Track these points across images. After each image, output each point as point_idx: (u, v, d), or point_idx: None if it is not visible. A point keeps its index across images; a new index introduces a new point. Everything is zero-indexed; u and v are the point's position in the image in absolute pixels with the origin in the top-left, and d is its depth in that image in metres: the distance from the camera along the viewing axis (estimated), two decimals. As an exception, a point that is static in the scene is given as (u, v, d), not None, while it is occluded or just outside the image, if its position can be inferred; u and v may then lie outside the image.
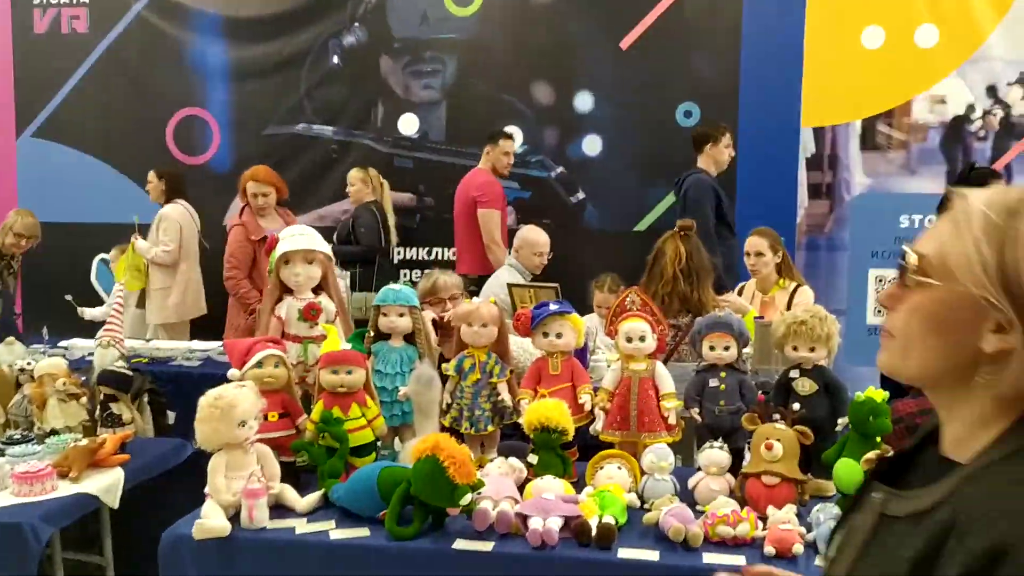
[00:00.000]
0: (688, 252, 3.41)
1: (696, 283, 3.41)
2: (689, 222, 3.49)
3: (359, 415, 2.56)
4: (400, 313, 2.75)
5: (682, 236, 3.42)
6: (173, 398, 3.94)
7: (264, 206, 5.35)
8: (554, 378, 2.68)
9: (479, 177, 5.85)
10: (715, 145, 5.37)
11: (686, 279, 3.39)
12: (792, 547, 2.06)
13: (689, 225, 3.47)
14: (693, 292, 3.39)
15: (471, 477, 2.16)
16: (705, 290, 3.44)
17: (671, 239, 3.41)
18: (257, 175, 5.34)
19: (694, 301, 3.41)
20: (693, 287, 3.40)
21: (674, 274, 3.37)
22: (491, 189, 5.78)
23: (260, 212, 5.35)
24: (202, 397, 2.32)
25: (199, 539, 2.20)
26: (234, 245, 5.28)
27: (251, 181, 5.32)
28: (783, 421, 2.40)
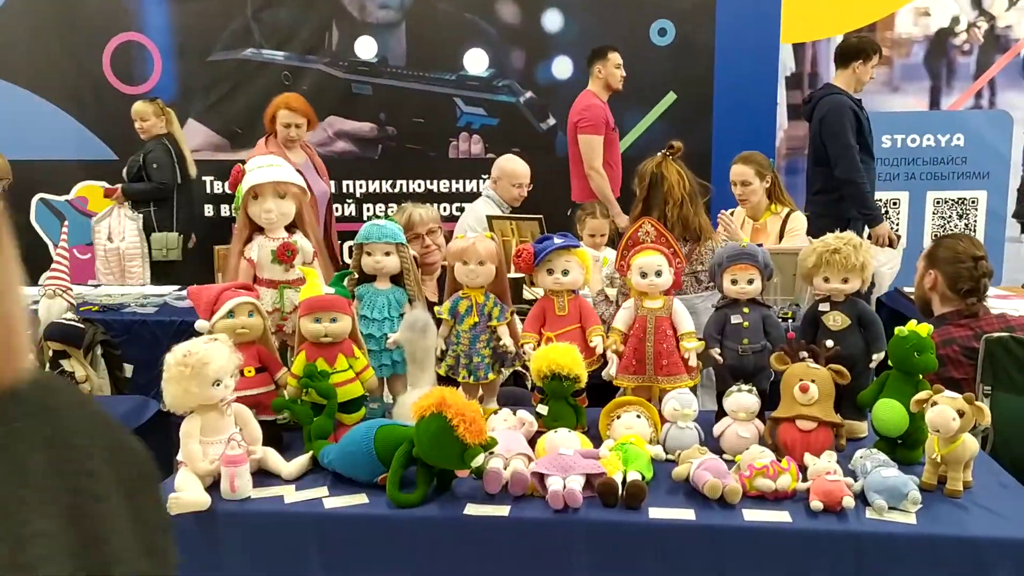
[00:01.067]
0: (687, 174, 3.16)
1: (697, 206, 3.18)
2: (680, 144, 3.22)
3: (346, 367, 2.29)
4: (386, 252, 2.46)
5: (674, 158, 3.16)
6: (130, 349, 3.65)
7: (295, 138, 4.95)
8: (560, 319, 2.43)
9: (582, 100, 5.50)
10: (865, 63, 4.83)
11: (691, 202, 3.15)
12: (842, 500, 1.87)
13: (679, 147, 3.21)
14: (694, 216, 3.15)
15: (482, 436, 1.91)
16: (702, 215, 3.21)
17: (666, 162, 3.14)
18: (290, 103, 4.92)
19: (694, 226, 3.17)
20: (696, 210, 3.16)
21: (682, 197, 3.10)
22: (592, 113, 5.41)
23: (288, 145, 4.93)
24: (169, 354, 2.02)
25: (175, 515, 1.93)
26: None
27: (284, 109, 4.89)
28: (816, 360, 2.19)
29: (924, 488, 1.95)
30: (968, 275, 2.89)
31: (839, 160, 4.62)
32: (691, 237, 3.18)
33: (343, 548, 1.95)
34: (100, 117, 6.36)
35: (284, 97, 4.99)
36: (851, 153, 4.61)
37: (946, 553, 1.80)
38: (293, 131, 4.90)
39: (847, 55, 4.85)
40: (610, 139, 5.49)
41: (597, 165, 5.35)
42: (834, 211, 4.64)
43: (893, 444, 2.15)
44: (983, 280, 2.89)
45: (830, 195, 4.73)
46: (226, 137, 6.36)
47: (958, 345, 2.78)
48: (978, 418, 1.91)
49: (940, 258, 2.99)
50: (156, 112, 5.62)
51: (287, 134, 4.90)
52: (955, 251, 2.95)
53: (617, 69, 5.50)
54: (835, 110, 4.67)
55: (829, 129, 4.67)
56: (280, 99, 4.97)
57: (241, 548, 1.96)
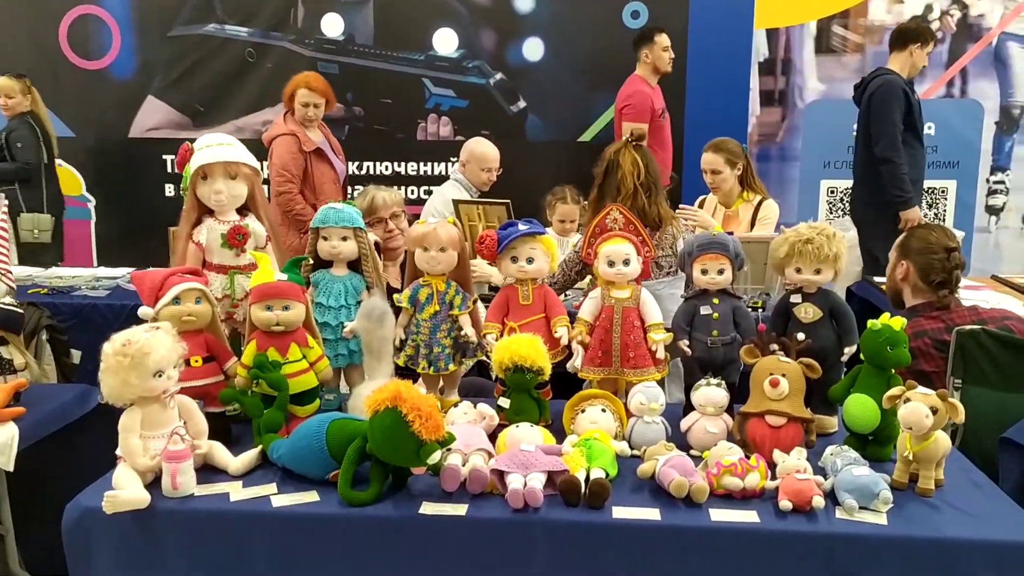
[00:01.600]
0: (645, 164, 3.09)
1: (653, 196, 3.11)
2: (642, 131, 3.17)
3: (299, 357, 2.18)
4: (343, 236, 2.35)
5: (635, 146, 3.09)
6: (79, 334, 3.51)
7: (313, 118, 4.83)
8: (524, 309, 2.34)
9: (628, 87, 5.41)
10: (923, 47, 4.76)
11: (645, 192, 3.08)
12: (811, 500, 1.80)
13: (642, 134, 3.15)
14: (651, 206, 3.09)
15: (439, 431, 1.82)
16: (662, 204, 3.15)
17: (625, 150, 3.07)
18: (310, 82, 4.80)
19: (652, 215, 3.11)
20: (651, 200, 3.10)
21: (634, 188, 3.04)
22: (637, 100, 5.31)
23: (306, 124, 4.82)
24: (106, 343, 1.90)
25: (111, 513, 1.82)
26: (286, 156, 4.75)
27: (303, 88, 4.78)
28: (787, 353, 2.12)
29: (895, 487, 1.89)
30: (940, 266, 2.84)
31: (880, 138, 4.56)
32: (650, 225, 3.11)
33: (291, 549, 1.84)
34: (56, 93, 6.16)
35: (304, 76, 4.88)
36: (893, 131, 4.54)
37: (918, 555, 1.74)
38: (311, 111, 4.80)
39: (905, 37, 4.76)
40: (658, 125, 5.36)
41: None
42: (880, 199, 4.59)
43: (864, 440, 2.09)
44: (955, 272, 2.85)
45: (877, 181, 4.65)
46: (187, 115, 6.20)
47: (929, 338, 2.73)
48: (951, 415, 1.85)
49: (912, 248, 2.94)
50: (23, 90, 5.51)
51: (305, 113, 4.79)
52: (927, 241, 2.90)
53: (665, 52, 5.39)
54: (885, 88, 4.61)
55: (875, 106, 4.61)
56: (300, 78, 4.85)
57: (183, 549, 1.85)
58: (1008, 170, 5.98)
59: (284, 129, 4.81)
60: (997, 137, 5.92)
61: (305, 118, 4.80)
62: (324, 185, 4.82)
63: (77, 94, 6.19)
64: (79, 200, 6.33)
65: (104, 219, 6.36)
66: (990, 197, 5.97)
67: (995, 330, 2.63)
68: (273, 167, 4.76)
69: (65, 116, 6.22)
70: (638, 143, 3.14)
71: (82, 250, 6.31)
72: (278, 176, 4.73)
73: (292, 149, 4.74)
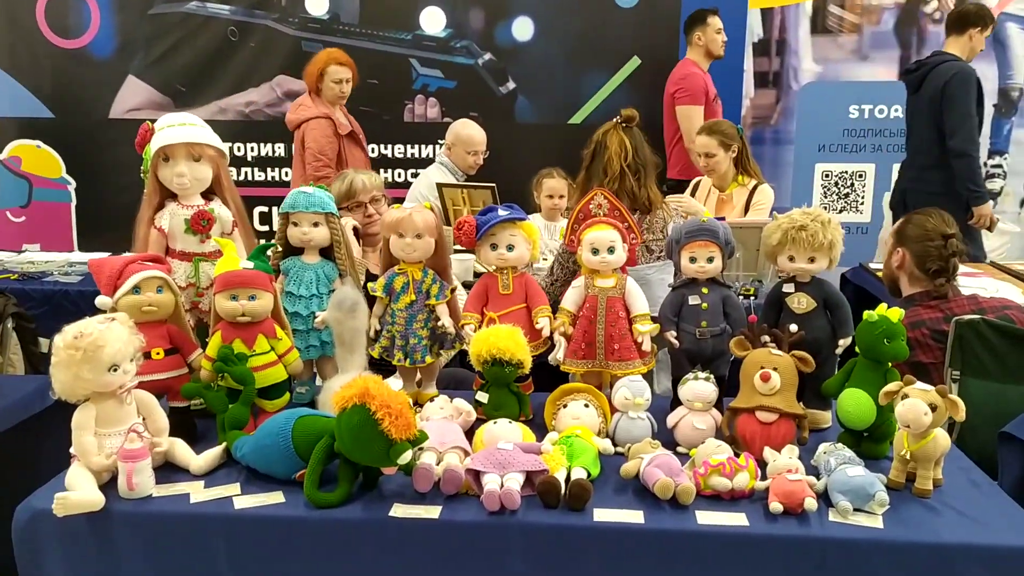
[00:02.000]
0: (634, 146, 2.99)
1: (643, 179, 3.01)
2: (633, 112, 3.05)
3: (267, 349, 2.07)
4: (314, 222, 2.24)
5: (624, 128, 2.98)
6: (49, 321, 3.40)
7: (344, 96, 4.72)
8: (504, 298, 2.23)
9: (680, 69, 5.25)
10: (982, 31, 4.58)
11: (633, 175, 2.98)
12: (803, 502, 1.70)
13: (632, 116, 3.04)
14: (641, 189, 3.00)
15: (410, 430, 1.71)
16: (652, 187, 3.06)
17: (614, 131, 2.97)
18: (339, 57, 4.68)
19: (642, 199, 3.02)
20: (640, 183, 3.01)
21: (621, 170, 2.94)
22: (691, 83, 5.15)
23: (338, 101, 4.70)
24: (58, 335, 1.79)
25: (62, 516, 1.71)
26: (322, 140, 4.60)
27: (334, 64, 4.65)
28: (779, 345, 2.02)
29: (891, 487, 1.80)
30: (937, 254, 2.74)
31: (957, 130, 4.38)
32: (640, 208, 3.01)
33: (255, 553, 1.74)
34: (34, 72, 6.02)
35: (328, 52, 4.76)
36: (971, 124, 4.38)
37: (915, 560, 1.64)
38: (344, 87, 4.68)
39: (965, 21, 4.59)
40: (711, 110, 5.21)
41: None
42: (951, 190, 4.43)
43: (858, 437, 1.99)
44: (952, 260, 2.74)
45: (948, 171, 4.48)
46: (168, 95, 6.05)
47: (927, 328, 2.63)
48: (952, 412, 1.75)
49: (908, 235, 2.83)
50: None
51: (337, 91, 4.67)
52: (924, 228, 2.80)
53: (718, 35, 5.25)
54: (962, 77, 4.41)
55: (953, 96, 4.40)
56: (325, 55, 4.74)
57: (140, 554, 1.75)
58: (1006, 154, 5.87)
59: (316, 111, 4.67)
60: (995, 120, 5.81)
61: (337, 96, 4.67)
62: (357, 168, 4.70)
63: (55, 74, 6.04)
64: (58, 183, 6.19)
65: (85, 202, 6.22)
66: (987, 181, 5.86)
67: (995, 320, 2.53)
68: (308, 151, 4.62)
69: (43, 96, 6.07)
70: (628, 124, 3.04)
71: (61, 234, 6.18)
72: (315, 161, 4.59)
73: (327, 132, 4.61)
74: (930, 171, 4.61)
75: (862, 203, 5.79)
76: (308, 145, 4.63)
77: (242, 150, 6.02)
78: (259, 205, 6.02)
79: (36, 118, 6.05)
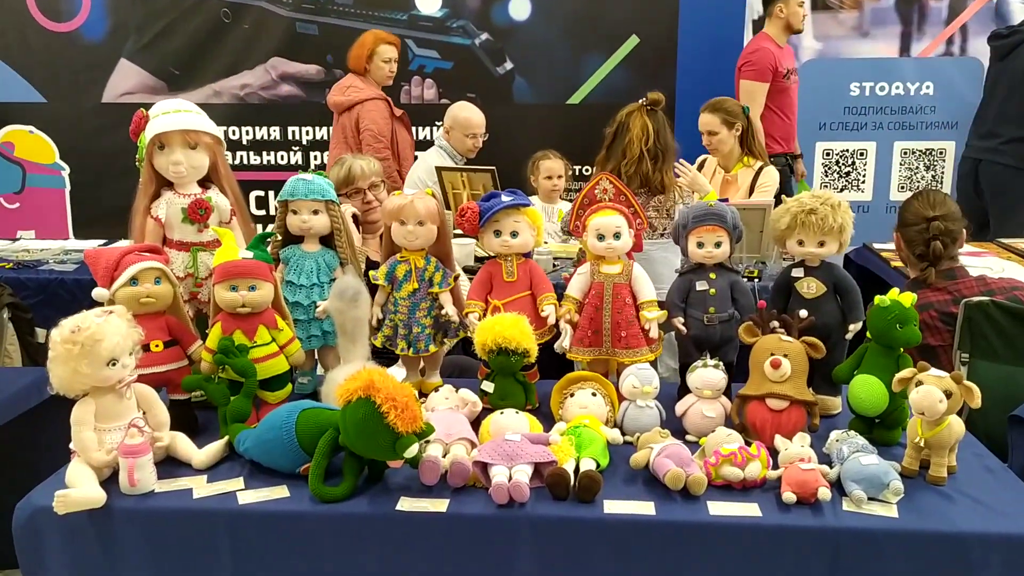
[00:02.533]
0: (656, 130, 2.99)
1: (661, 163, 3.01)
2: (659, 96, 3.03)
3: (268, 340, 2.04)
4: (314, 210, 2.20)
5: (649, 111, 2.96)
6: (45, 310, 3.37)
7: (390, 75, 4.68)
8: (509, 286, 2.20)
9: (752, 43, 5.09)
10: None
11: (651, 159, 2.98)
12: (817, 491, 1.68)
13: (658, 99, 3.01)
14: (656, 173, 2.99)
15: (416, 423, 1.68)
16: (668, 171, 3.07)
17: (638, 114, 2.96)
18: (386, 36, 4.65)
19: (656, 182, 3.00)
20: (656, 168, 3.01)
21: (640, 153, 2.93)
22: (759, 57, 4.93)
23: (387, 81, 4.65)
24: (55, 329, 1.76)
25: (63, 514, 1.68)
26: (381, 122, 4.56)
27: (383, 44, 4.61)
28: (789, 331, 1.99)
29: (905, 475, 1.78)
30: (919, 238, 2.69)
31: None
32: (653, 190, 3.00)
33: (259, 549, 1.72)
34: (25, 56, 5.94)
35: (376, 33, 4.73)
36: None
37: (930, 550, 1.62)
38: (392, 66, 4.66)
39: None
40: (782, 87, 5.00)
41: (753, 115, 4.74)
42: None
43: (870, 424, 1.97)
44: (934, 244, 2.67)
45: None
46: (162, 79, 5.98)
47: (935, 310, 2.60)
48: (967, 399, 1.72)
49: (901, 219, 2.79)
50: None
51: (387, 70, 4.64)
52: (908, 211, 2.75)
53: (800, 8, 5.05)
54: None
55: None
56: (372, 36, 4.71)
57: (142, 550, 1.72)
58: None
59: (372, 92, 4.63)
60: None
61: (386, 76, 4.64)
62: (405, 151, 4.67)
63: (47, 58, 5.96)
64: (52, 168, 6.13)
65: (79, 188, 6.16)
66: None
67: (1004, 302, 2.50)
68: (368, 132, 4.57)
69: (35, 81, 5.99)
70: (653, 107, 3.03)
71: (56, 220, 6.12)
72: (376, 142, 4.54)
73: (384, 114, 4.57)
74: (1012, 144, 4.51)
75: (863, 181, 5.75)
76: (367, 127, 4.57)
77: (237, 133, 5.96)
78: (255, 189, 5.97)
79: (28, 103, 5.98)
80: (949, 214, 2.69)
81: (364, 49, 4.68)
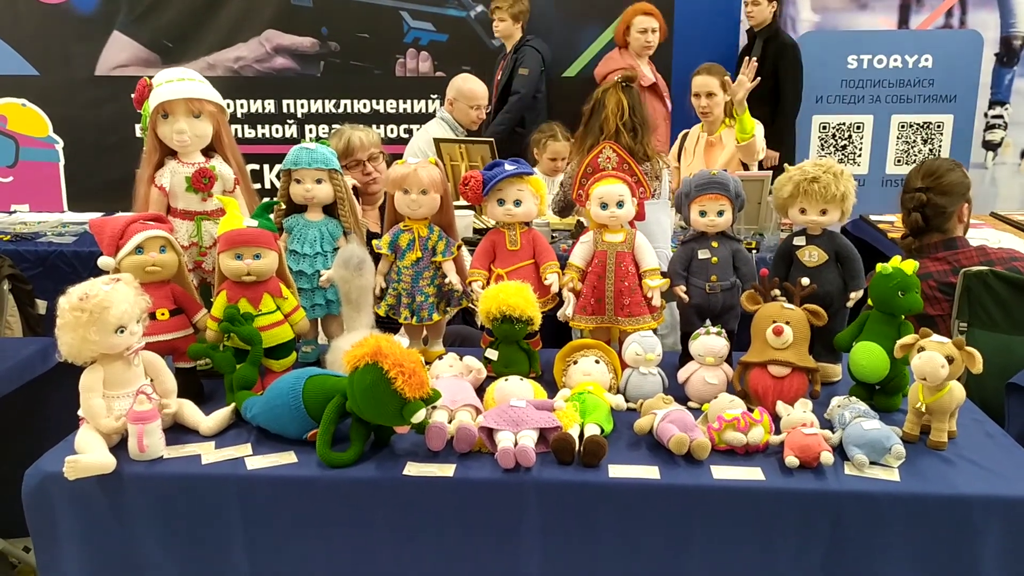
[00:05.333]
0: (631, 105, 3.00)
1: (640, 136, 3.02)
2: (632, 73, 3.05)
3: (273, 308, 2.05)
4: (317, 179, 2.20)
5: (624, 88, 2.98)
6: (45, 282, 3.37)
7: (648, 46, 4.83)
8: (512, 255, 2.21)
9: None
10: None
11: (629, 132, 2.98)
12: (819, 456, 1.70)
13: (632, 76, 3.03)
14: (637, 145, 3.00)
15: (423, 388, 1.69)
16: (649, 143, 3.07)
17: (612, 90, 2.98)
18: (645, 7, 4.77)
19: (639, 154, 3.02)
20: (637, 140, 3.01)
21: (617, 128, 2.95)
22: None
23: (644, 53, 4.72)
24: (62, 297, 1.76)
25: (73, 480, 1.69)
26: None
27: (640, 15, 4.75)
28: (791, 299, 2.01)
29: (906, 440, 1.80)
30: (905, 207, 2.71)
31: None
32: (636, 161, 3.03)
33: (268, 513, 1.74)
34: (17, 29, 5.87)
35: (636, 4, 4.78)
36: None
37: (932, 512, 1.64)
38: (650, 36, 4.68)
39: None
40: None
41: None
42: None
43: (871, 390, 1.99)
44: (914, 214, 2.68)
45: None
46: (156, 52, 5.92)
47: (935, 280, 2.62)
48: (968, 364, 1.74)
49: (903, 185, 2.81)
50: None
51: (644, 40, 4.66)
52: (907, 179, 2.76)
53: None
54: None
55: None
56: (633, 8, 4.79)
57: (152, 515, 1.74)
58: (1007, 104, 5.82)
59: (621, 63, 4.66)
60: (996, 69, 5.75)
61: (643, 47, 4.66)
62: (658, 121, 4.65)
63: (38, 31, 5.89)
64: (46, 142, 6.07)
65: (73, 161, 6.12)
66: (987, 132, 5.81)
67: (1003, 271, 2.52)
68: None
69: (27, 54, 5.93)
70: (627, 84, 3.04)
71: (51, 194, 6.08)
72: None
73: None
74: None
75: (859, 155, 5.75)
76: None
77: (231, 106, 5.92)
78: (249, 163, 5.89)
79: (20, 76, 5.92)
80: (940, 186, 2.68)
81: (623, 23, 4.76)
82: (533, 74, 5.10)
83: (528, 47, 5.21)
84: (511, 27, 5.26)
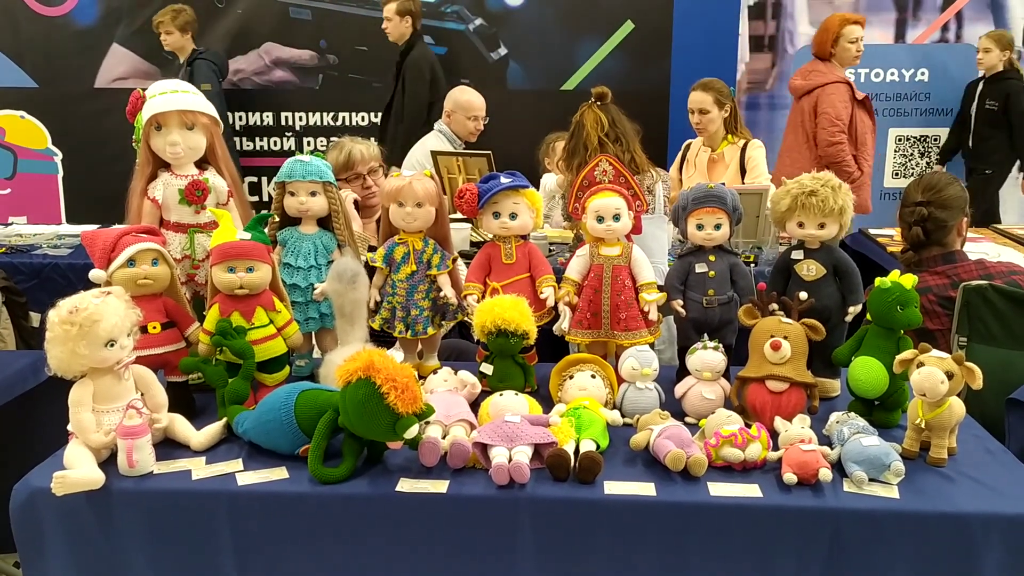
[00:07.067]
0: (609, 119, 3.02)
1: (626, 144, 3.04)
2: (603, 89, 3.08)
3: (266, 322, 2.03)
4: (311, 192, 2.19)
5: (599, 106, 3.00)
6: (39, 294, 3.34)
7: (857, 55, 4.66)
8: (508, 268, 2.19)
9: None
10: None
11: (614, 143, 3.00)
12: (818, 472, 1.68)
13: (603, 93, 3.07)
14: (624, 154, 3.02)
15: (417, 404, 1.67)
16: (637, 151, 3.09)
17: (588, 110, 3.01)
18: (853, 16, 4.61)
19: (627, 162, 3.03)
20: (624, 149, 3.03)
21: (600, 140, 2.96)
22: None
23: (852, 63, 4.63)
24: (52, 310, 1.74)
25: (61, 495, 1.67)
26: (839, 105, 4.47)
27: (849, 24, 4.55)
28: (789, 313, 1.99)
29: (905, 456, 1.78)
30: (905, 221, 2.70)
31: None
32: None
33: (259, 530, 1.71)
34: (17, 41, 5.89)
35: (842, 15, 4.66)
36: None
37: (932, 530, 1.62)
38: (860, 45, 4.59)
39: None
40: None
41: None
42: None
43: (870, 406, 1.97)
44: (914, 228, 2.67)
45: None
46: (155, 64, 5.94)
47: (934, 294, 2.60)
48: (968, 380, 1.72)
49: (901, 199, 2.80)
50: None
51: (854, 51, 4.57)
52: (906, 192, 2.76)
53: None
54: None
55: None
56: (839, 17, 4.64)
57: (141, 532, 1.71)
58: (1003, 117, 5.83)
59: (836, 75, 4.55)
60: (992, 83, 5.77)
61: (852, 57, 4.59)
62: (865, 135, 4.60)
63: (39, 43, 5.92)
64: (45, 154, 6.09)
65: (72, 173, 6.12)
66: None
67: (1002, 286, 2.50)
68: (825, 117, 4.51)
69: (27, 66, 5.95)
70: (601, 101, 3.06)
71: (49, 206, 6.09)
72: (831, 126, 4.48)
73: (844, 98, 4.51)
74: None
75: (858, 169, 5.75)
76: (824, 110, 4.51)
77: (230, 119, 5.92)
78: (247, 175, 5.94)
79: (19, 88, 5.93)
80: (940, 200, 2.67)
81: (829, 33, 4.62)
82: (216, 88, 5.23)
83: (201, 60, 5.26)
84: (180, 39, 5.45)
